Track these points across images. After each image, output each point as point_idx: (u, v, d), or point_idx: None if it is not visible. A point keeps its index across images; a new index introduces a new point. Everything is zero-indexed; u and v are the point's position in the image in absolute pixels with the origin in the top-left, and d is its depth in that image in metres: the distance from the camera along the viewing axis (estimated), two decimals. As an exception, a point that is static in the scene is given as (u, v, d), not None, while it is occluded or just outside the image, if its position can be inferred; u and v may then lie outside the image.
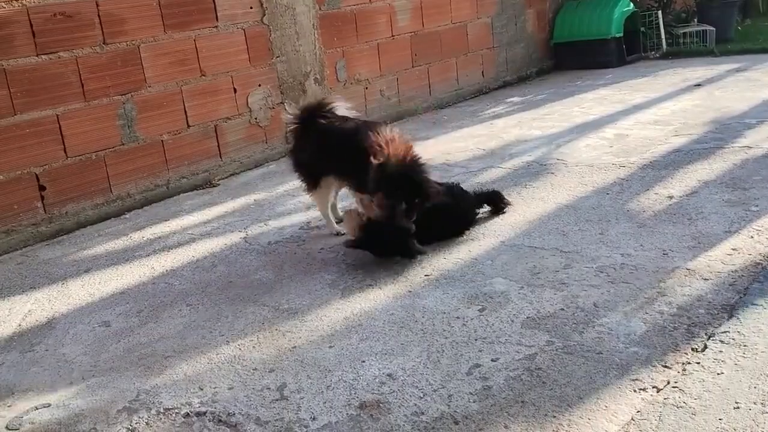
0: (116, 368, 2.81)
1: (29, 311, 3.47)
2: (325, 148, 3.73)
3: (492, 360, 2.50)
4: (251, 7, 5.63)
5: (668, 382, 2.25)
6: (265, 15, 5.73)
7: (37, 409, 2.57)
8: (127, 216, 4.89)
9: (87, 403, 2.57)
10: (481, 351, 2.57)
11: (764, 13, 11.02)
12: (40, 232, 4.54)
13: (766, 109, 5.52)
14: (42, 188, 4.54)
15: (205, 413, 2.42)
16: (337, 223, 4.04)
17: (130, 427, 2.39)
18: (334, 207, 4.08)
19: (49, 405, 2.59)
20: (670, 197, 3.87)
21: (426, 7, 7.24)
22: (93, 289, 3.66)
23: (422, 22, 7.23)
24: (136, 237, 4.40)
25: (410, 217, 3.39)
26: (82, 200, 4.74)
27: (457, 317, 2.85)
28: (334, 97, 3.91)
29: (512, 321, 2.76)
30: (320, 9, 6.18)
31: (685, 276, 2.94)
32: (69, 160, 4.65)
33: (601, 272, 3.08)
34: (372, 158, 3.35)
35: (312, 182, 3.89)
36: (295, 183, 4.32)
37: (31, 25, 4.40)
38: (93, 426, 2.42)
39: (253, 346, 2.84)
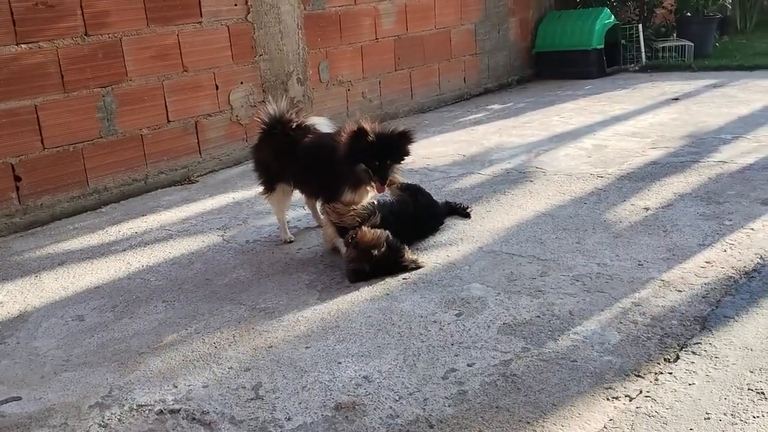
0: (89, 363, 2.78)
1: (0, 303, 3.42)
2: (284, 155, 3.72)
3: (468, 365, 2.51)
4: (236, 4, 5.61)
5: (641, 392, 2.28)
6: (249, 12, 5.71)
7: (7, 402, 2.54)
8: (103, 210, 4.84)
9: (59, 398, 2.54)
10: (457, 356, 2.58)
11: (742, 31, 11.21)
12: (13, 223, 4.48)
13: (741, 125, 5.61)
14: (17, 179, 4.48)
15: (178, 411, 2.40)
16: (320, 227, 4.03)
17: (102, 423, 2.37)
18: (315, 211, 4.06)
19: (20, 398, 2.56)
20: (647, 209, 3.93)
21: (411, 11, 7.27)
22: (67, 282, 3.62)
23: (406, 26, 7.25)
24: (113, 231, 4.36)
25: (385, 177, 3.43)
26: (58, 192, 4.69)
27: (434, 321, 2.86)
28: (310, 116, 3.87)
29: (488, 327, 2.78)
30: (305, 9, 6.17)
31: (660, 287, 2.98)
32: (46, 151, 4.60)
33: (577, 281, 3.11)
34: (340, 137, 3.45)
35: (268, 185, 3.87)
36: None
37: (12, 14, 4.35)
38: (64, 421, 2.40)
39: (229, 345, 2.83)
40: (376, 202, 3.57)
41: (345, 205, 3.48)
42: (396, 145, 3.43)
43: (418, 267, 3.40)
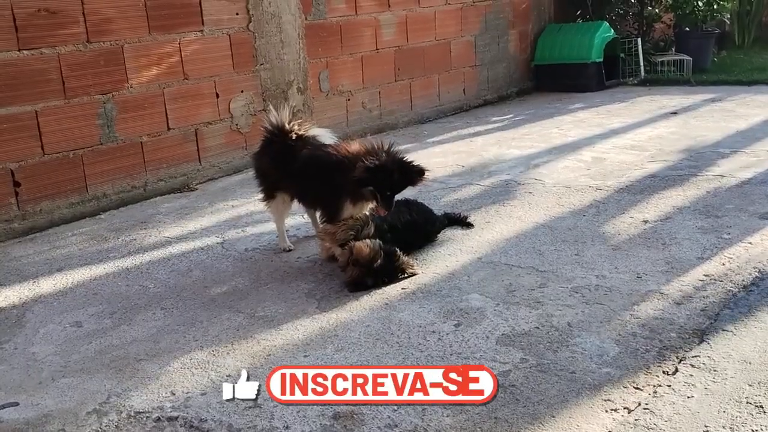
0: (87, 369, 2.77)
1: (-1, 308, 3.42)
2: (284, 165, 3.72)
3: (466, 375, 2.51)
4: (237, 14, 5.63)
5: (639, 404, 2.28)
6: (251, 22, 5.73)
7: (4, 407, 2.53)
8: (102, 216, 4.84)
9: (56, 404, 2.54)
10: (455, 366, 2.58)
11: (740, 46, 11.26)
12: (12, 228, 4.47)
13: (739, 140, 5.63)
14: (17, 184, 4.48)
15: (176, 418, 2.40)
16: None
17: (100, 430, 2.36)
18: (315, 220, 4.06)
19: (17, 404, 2.55)
20: (645, 222, 3.94)
21: (411, 23, 7.29)
22: (65, 288, 3.61)
23: (407, 37, 7.27)
24: (111, 238, 4.36)
25: (391, 205, 3.40)
26: (57, 198, 4.69)
27: (433, 331, 2.86)
28: (312, 127, 3.85)
29: (487, 337, 2.78)
30: (306, 19, 6.20)
31: (658, 300, 2.99)
32: (46, 157, 4.60)
33: (576, 293, 3.12)
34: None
35: (268, 193, 3.88)
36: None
37: (14, 20, 4.36)
38: (62, 427, 2.39)
39: (228, 353, 2.82)
40: (368, 213, 3.56)
41: (343, 220, 3.48)
42: (410, 181, 3.44)
43: (414, 273, 3.42)
